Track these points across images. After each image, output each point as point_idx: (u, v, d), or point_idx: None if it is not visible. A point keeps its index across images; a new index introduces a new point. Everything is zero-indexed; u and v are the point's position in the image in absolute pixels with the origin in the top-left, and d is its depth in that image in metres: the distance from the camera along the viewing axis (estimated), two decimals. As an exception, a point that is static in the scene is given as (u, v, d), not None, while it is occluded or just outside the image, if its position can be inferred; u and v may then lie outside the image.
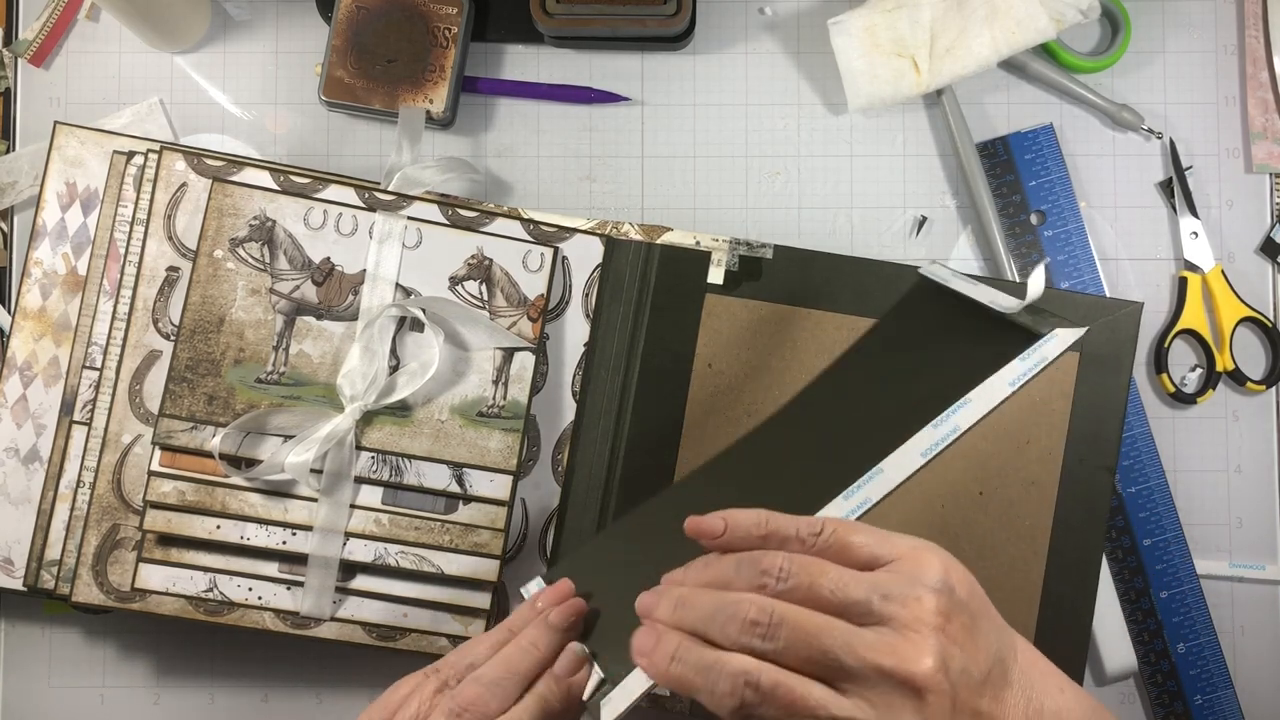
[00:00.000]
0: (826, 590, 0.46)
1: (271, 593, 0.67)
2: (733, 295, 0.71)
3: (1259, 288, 0.76)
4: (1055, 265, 0.75)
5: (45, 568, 0.69)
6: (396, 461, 0.68)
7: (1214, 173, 0.77)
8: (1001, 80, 0.77)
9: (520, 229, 0.71)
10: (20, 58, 0.76)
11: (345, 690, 0.74)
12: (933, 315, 0.65)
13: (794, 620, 0.46)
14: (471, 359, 0.69)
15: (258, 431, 0.67)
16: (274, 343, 0.68)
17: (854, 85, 0.75)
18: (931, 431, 0.54)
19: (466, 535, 0.68)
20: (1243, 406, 0.76)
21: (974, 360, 0.58)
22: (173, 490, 0.67)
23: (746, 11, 0.78)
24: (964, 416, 0.55)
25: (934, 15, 0.74)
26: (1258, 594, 0.75)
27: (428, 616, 0.68)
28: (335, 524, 0.67)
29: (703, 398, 0.70)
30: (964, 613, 0.47)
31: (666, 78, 0.77)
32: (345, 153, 0.77)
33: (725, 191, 0.77)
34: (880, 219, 0.76)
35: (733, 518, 0.49)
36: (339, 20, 0.74)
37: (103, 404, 0.68)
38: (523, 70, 0.77)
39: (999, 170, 0.76)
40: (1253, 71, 0.77)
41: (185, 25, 0.75)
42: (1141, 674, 0.73)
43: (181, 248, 0.69)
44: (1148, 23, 0.77)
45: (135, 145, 0.71)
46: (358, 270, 0.69)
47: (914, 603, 0.46)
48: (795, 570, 0.47)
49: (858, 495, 0.53)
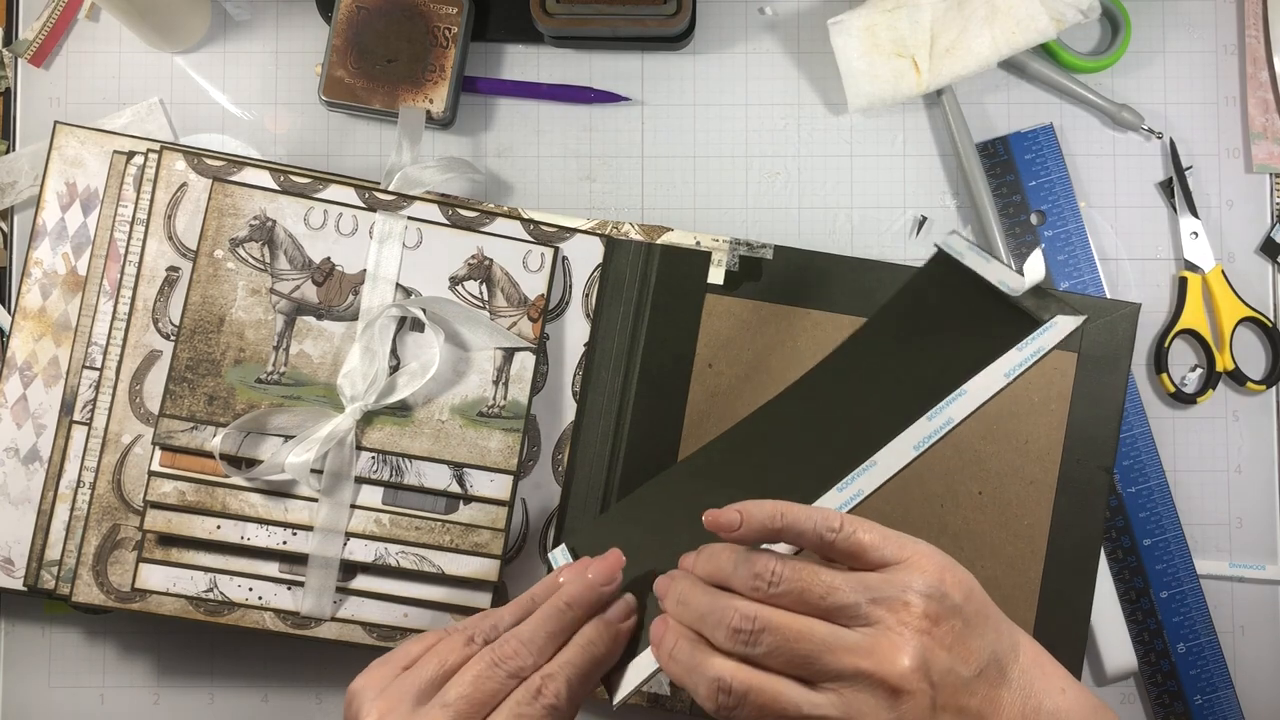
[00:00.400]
0: (816, 596, 0.48)
1: (271, 593, 0.67)
2: (733, 295, 0.71)
3: (1259, 288, 0.76)
4: (1055, 265, 0.75)
5: (45, 568, 0.69)
6: (397, 461, 0.68)
7: (1214, 173, 0.77)
8: (1001, 80, 0.77)
9: (520, 229, 0.71)
10: (20, 58, 0.76)
11: (345, 690, 0.74)
12: (935, 303, 0.65)
13: (776, 625, 0.47)
14: (472, 359, 0.69)
15: (258, 431, 0.67)
16: (274, 343, 0.68)
17: (854, 85, 0.75)
18: (925, 424, 0.55)
19: (467, 535, 0.68)
20: (1243, 406, 0.76)
21: (972, 351, 0.58)
22: (173, 490, 0.67)
23: (746, 11, 0.78)
24: (958, 408, 0.55)
25: (934, 15, 0.74)
26: (1258, 594, 0.75)
27: (428, 616, 0.68)
28: (335, 524, 0.67)
29: (703, 398, 0.70)
30: (956, 616, 0.48)
31: (666, 78, 0.77)
32: (345, 153, 0.77)
33: (725, 191, 0.77)
34: (880, 219, 0.76)
35: (748, 511, 0.50)
36: (339, 20, 0.74)
37: (103, 404, 0.69)
38: (523, 70, 0.77)
39: (999, 170, 0.76)
40: (1253, 71, 0.77)
41: (185, 25, 0.75)
42: (1141, 674, 0.73)
43: (181, 248, 0.69)
44: (1148, 23, 0.77)
45: (135, 145, 0.71)
46: (358, 270, 0.69)
47: (901, 607, 0.47)
48: (788, 575, 0.48)
49: (851, 487, 0.54)
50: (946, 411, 0.55)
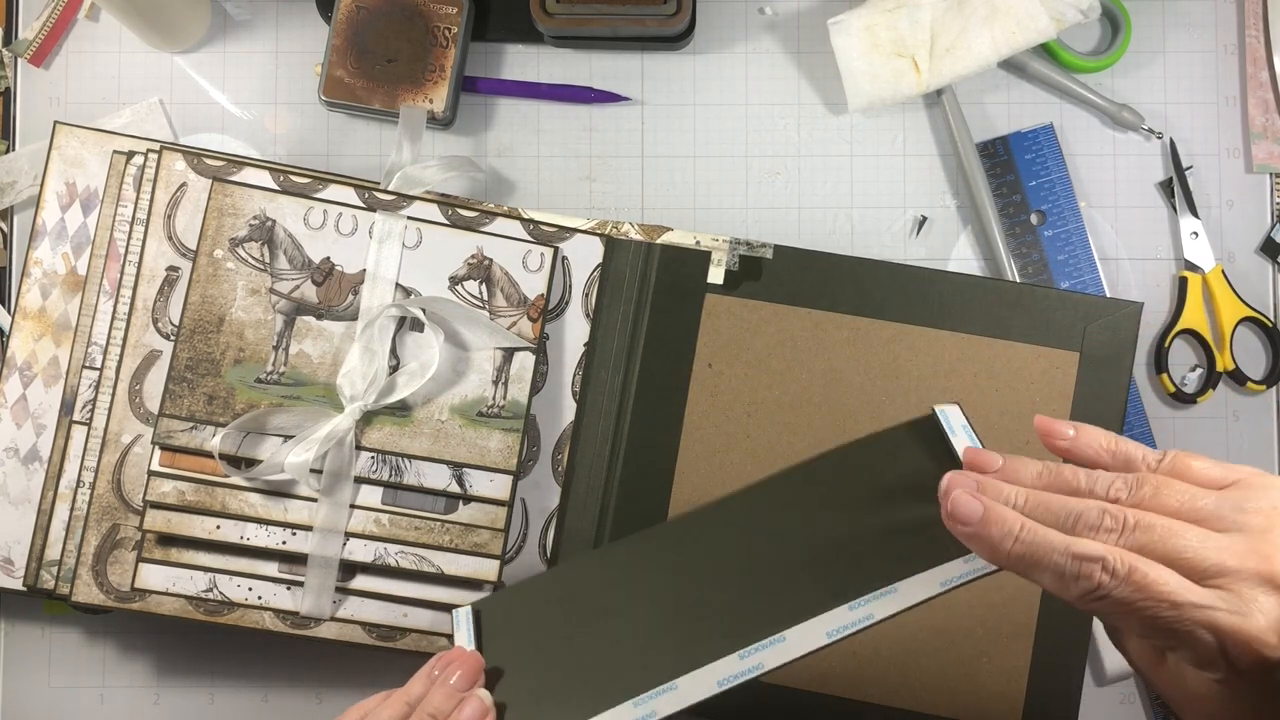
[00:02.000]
0: (1175, 502, 0.47)
1: (271, 593, 0.67)
2: (733, 295, 0.71)
3: (1259, 288, 0.76)
4: (1055, 265, 0.75)
5: (45, 568, 0.69)
6: (396, 461, 0.68)
7: (1214, 173, 0.77)
8: (1001, 80, 0.77)
9: (520, 229, 0.71)
10: (20, 58, 0.76)
11: (345, 690, 0.74)
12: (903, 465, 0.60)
13: (1147, 522, 0.46)
14: (471, 359, 0.69)
15: (258, 431, 0.67)
16: (274, 343, 0.68)
17: (854, 85, 0.75)
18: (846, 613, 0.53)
19: (466, 535, 0.68)
20: (1243, 406, 0.76)
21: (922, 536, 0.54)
22: (173, 490, 0.67)
23: (746, 11, 0.78)
24: (882, 606, 0.52)
25: (934, 15, 0.74)
26: (1258, 594, 0.75)
27: (428, 616, 0.68)
28: (335, 524, 0.67)
29: (703, 398, 0.70)
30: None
31: (666, 78, 0.77)
32: (345, 153, 0.77)
33: (725, 191, 0.77)
34: (880, 219, 0.76)
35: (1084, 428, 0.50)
36: (339, 20, 0.74)
37: (103, 404, 0.68)
38: (523, 70, 0.77)
39: (999, 170, 0.76)
40: (1253, 71, 0.77)
41: (185, 25, 0.75)
42: (1141, 674, 0.73)
43: (181, 247, 0.69)
44: (1148, 23, 0.77)
45: (135, 145, 0.71)
46: (358, 270, 0.69)
47: (1271, 510, 0.46)
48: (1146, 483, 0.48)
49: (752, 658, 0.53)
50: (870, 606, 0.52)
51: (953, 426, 0.58)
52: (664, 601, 0.60)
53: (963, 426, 0.58)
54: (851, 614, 0.52)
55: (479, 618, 0.63)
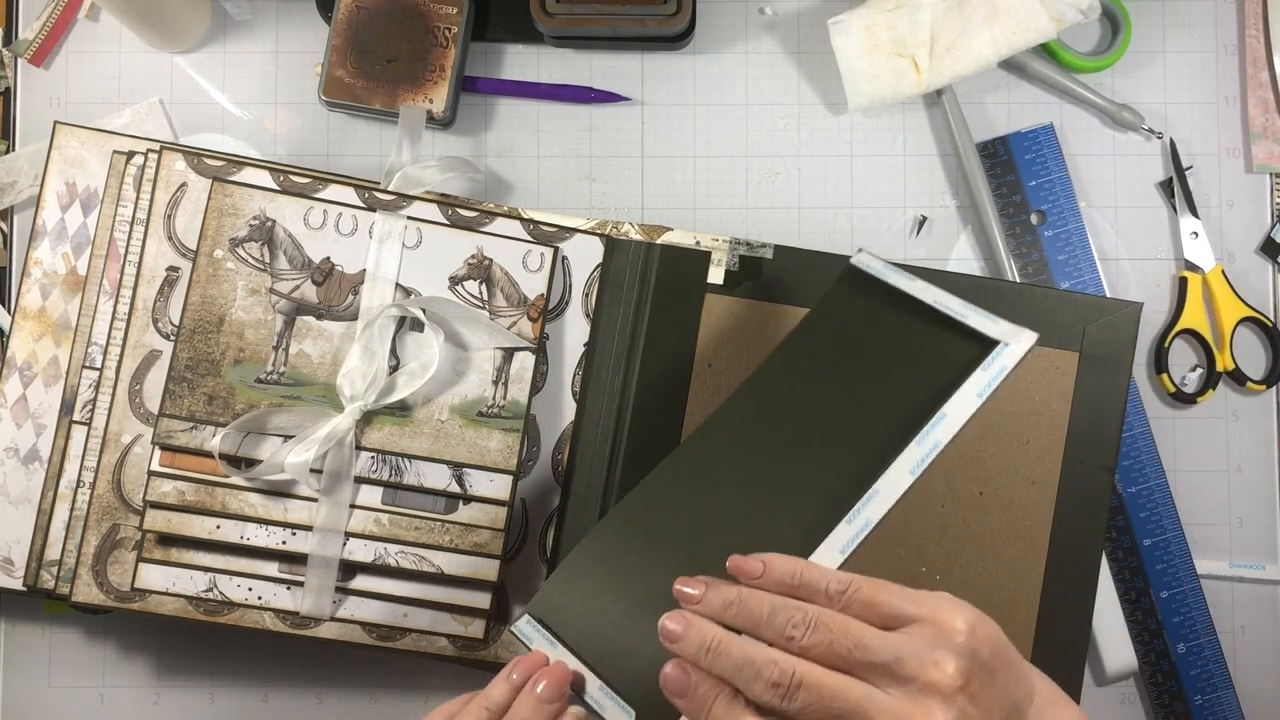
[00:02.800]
0: (845, 648, 0.48)
1: (271, 593, 0.67)
2: (733, 295, 0.71)
3: (1259, 288, 0.76)
4: (1055, 265, 0.75)
5: (45, 568, 0.69)
6: (396, 461, 0.68)
7: (1214, 173, 0.77)
8: (1001, 80, 0.77)
9: (520, 229, 0.71)
10: (20, 58, 0.76)
11: (345, 690, 0.74)
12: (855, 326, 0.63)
13: (813, 682, 0.47)
14: (471, 359, 0.69)
15: (258, 431, 0.67)
16: (274, 343, 0.68)
17: (854, 85, 0.75)
18: (916, 449, 0.55)
19: (466, 535, 0.68)
20: (1243, 406, 0.76)
21: (935, 369, 0.57)
22: (173, 490, 0.67)
23: (746, 11, 0.78)
24: (943, 431, 0.55)
25: (934, 15, 0.74)
26: (1258, 594, 0.75)
27: (428, 616, 0.68)
28: (335, 524, 0.67)
29: (703, 398, 0.70)
30: (984, 671, 0.48)
31: (666, 78, 0.77)
32: (345, 153, 0.77)
33: (725, 191, 0.77)
34: (880, 219, 0.76)
35: (771, 563, 0.51)
36: (339, 20, 0.74)
37: (103, 404, 0.68)
38: (523, 70, 0.77)
39: (999, 170, 0.76)
40: (1253, 71, 0.77)
41: (185, 25, 0.75)
42: (1141, 674, 0.73)
43: (181, 248, 0.69)
44: (1148, 23, 0.77)
45: (135, 145, 0.71)
46: (358, 270, 0.69)
47: (933, 667, 0.47)
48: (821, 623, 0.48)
49: (859, 519, 0.54)
50: (934, 435, 0.55)
51: (878, 270, 0.63)
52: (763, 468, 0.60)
53: (885, 265, 0.63)
54: (920, 448, 0.55)
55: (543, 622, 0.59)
